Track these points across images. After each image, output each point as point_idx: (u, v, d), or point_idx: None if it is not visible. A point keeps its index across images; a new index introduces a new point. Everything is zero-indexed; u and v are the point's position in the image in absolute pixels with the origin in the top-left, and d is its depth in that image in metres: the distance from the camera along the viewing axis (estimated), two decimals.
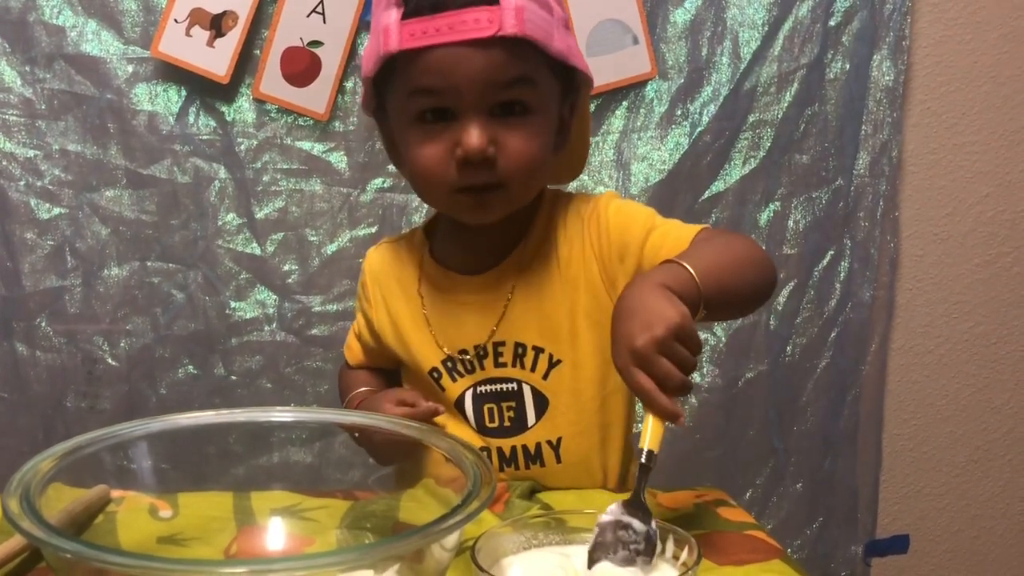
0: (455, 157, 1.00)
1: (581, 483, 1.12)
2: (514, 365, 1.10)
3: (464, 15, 0.96)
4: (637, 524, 0.81)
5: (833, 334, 1.81)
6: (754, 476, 1.83)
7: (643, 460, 0.83)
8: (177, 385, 1.72)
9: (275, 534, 0.95)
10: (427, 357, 1.13)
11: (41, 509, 0.73)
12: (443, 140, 1.01)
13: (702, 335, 1.72)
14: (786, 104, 1.73)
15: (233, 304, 1.73)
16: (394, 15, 0.98)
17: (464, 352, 1.11)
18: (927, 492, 1.94)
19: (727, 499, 1.07)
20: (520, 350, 1.10)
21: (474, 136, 0.98)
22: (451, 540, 0.76)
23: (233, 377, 1.73)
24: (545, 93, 1.03)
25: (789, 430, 1.83)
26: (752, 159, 1.75)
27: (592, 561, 0.81)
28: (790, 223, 1.78)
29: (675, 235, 1.03)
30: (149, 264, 1.71)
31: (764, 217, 1.77)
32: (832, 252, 1.79)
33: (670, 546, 0.83)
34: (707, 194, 1.75)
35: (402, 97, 1.03)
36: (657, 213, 1.09)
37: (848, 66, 1.74)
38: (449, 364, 1.12)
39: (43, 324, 1.70)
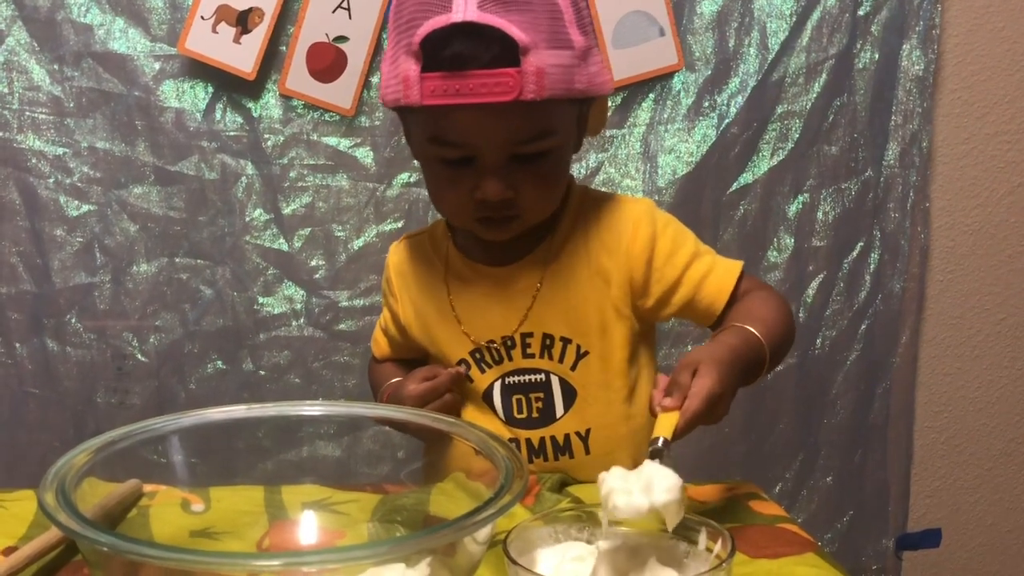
0: (474, 199, 1.02)
1: None
2: (542, 356, 1.11)
3: (485, 77, 0.94)
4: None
5: (863, 326, 1.80)
6: (783, 470, 1.82)
7: (654, 449, 0.86)
8: (206, 380, 1.73)
9: (307, 528, 0.95)
10: (454, 349, 1.13)
11: (76, 503, 0.73)
12: (462, 182, 1.02)
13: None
14: (815, 95, 1.72)
15: (261, 300, 1.73)
16: (413, 67, 0.97)
17: (492, 343, 1.12)
18: (960, 485, 1.92)
19: (759, 492, 1.07)
20: (548, 341, 1.10)
21: (493, 188, 1.01)
22: (484, 533, 0.76)
23: (261, 372, 1.74)
24: (565, 129, 1.03)
25: (819, 423, 1.82)
26: (780, 150, 1.74)
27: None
28: (819, 215, 1.76)
29: (720, 270, 1.11)
30: (177, 260, 1.72)
31: (793, 209, 1.76)
32: (862, 244, 1.78)
33: (703, 539, 0.82)
34: (735, 186, 1.74)
35: (422, 136, 1.04)
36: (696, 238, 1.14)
37: (877, 56, 1.72)
38: (477, 355, 1.13)
39: (73, 320, 1.71)
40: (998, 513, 1.94)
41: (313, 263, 1.73)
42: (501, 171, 1.00)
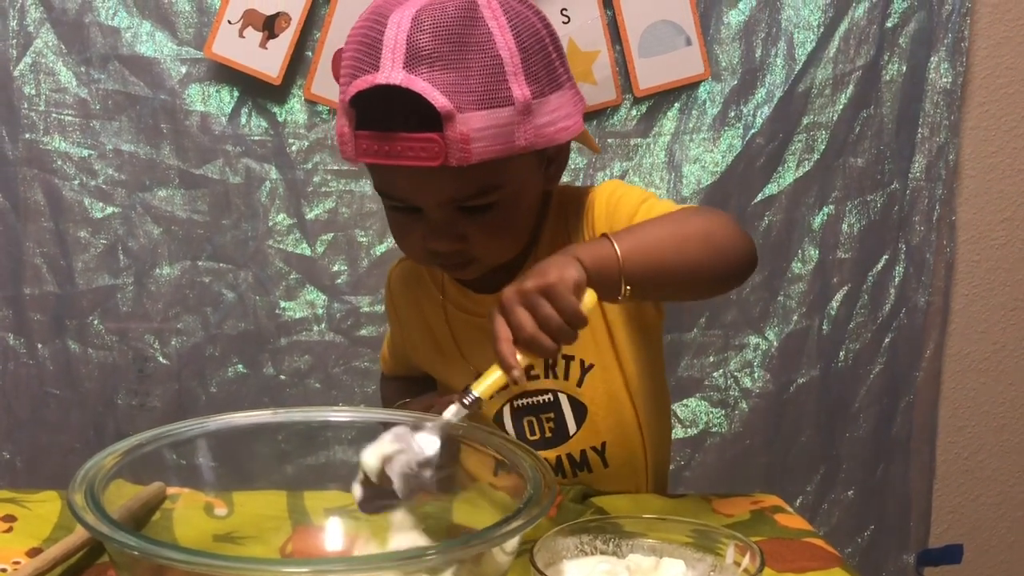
0: (426, 248, 1.00)
1: (629, 486, 1.11)
2: (546, 376, 1.09)
3: (411, 141, 0.91)
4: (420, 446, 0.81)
5: (887, 340, 1.79)
6: (805, 483, 1.80)
7: (464, 400, 0.81)
8: (226, 384, 1.73)
9: (330, 534, 0.94)
10: (458, 378, 1.12)
11: (105, 505, 0.73)
12: (414, 230, 1.00)
13: (754, 339, 1.76)
14: (841, 106, 1.71)
15: (283, 304, 1.73)
16: (347, 123, 0.94)
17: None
18: (982, 501, 1.90)
19: (784, 506, 1.06)
20: (550, 360, 1.08)
21: (439, 244, 0.99)
22: (512, 544, 0.75)
23: (282, 377, 1.74)
24: (515, 179, 0.99)
25: (841, 436, 1.81)
26: (806, 162, 1.73)
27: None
28: (844, 227, 1.75)
29: (657, 211, 1.00)
30: (200, 263, 1.72)
31: (818, 221, 1.75)
32: (887, 257, 1.77)
33: (731, 552, 0.81)
34: (760, 197, 1.73)
35: (373, 184, 1.03)
36: (654, 195, 1.06)
37: (905, 68, 1.71)
38: None
39: (95, 322, 1.72)
40: (1021, 531, 1.92)
41: (335, 268, 1.73)
42: (448, 224, 0.98)
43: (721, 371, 1.77)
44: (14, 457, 1.73)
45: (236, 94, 1.69)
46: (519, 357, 0.81)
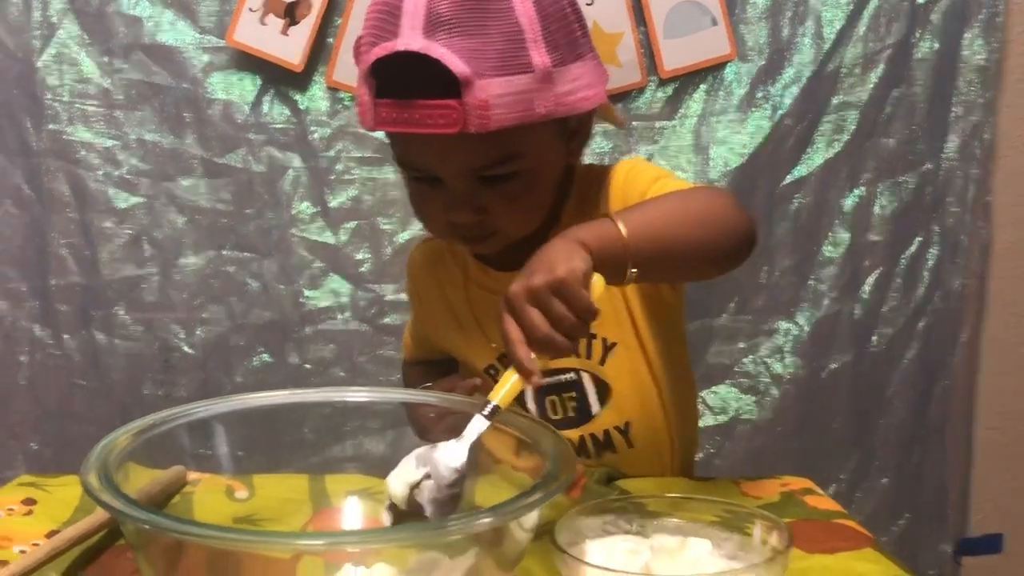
0: (447, 219, 1.00)
1: (654, 467, 1.10)
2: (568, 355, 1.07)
3: (430, 108, 0.91)
4: (446, 467, 0.77)
5: (921, 324, 1.75)
6: (837, 470, 1.77)
7: (483, 412, 0.78)
8: (252, 373, 1.73)
9: (350, 515, 0.94)
10: (480, 357, 1.12)
11: (120, 485, 0.72)
12: (435, 201, 1.00)
13: (784, 324, 1.73)
14: (872, 85, 1.68)
15: (307, 293, 1.73)
16: (367, 91, 0.94)
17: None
18: (1023, 490, 1.86)
19: (814, 487, 1.04)
20: None
21: (458, 214, 0.98)
22: (530, 520, 0.74)
23: (307, 366, 1.74)
24: (536, 149, 0.98)
25: (875, 423, 1.78)
26: (836, 143, 1.70)
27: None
28: (876, 209, 1.72)
29: (668, 190, 0.98)
30: (224, 253, 1.72)
31: (848, 203, 1.72)
32: (920, 239, 1.74)
33: (758, 531, 0.79)
34: (789, 179, 1.71)
35: (393, 156, 1.02)
36: (671, 175, 1.04)
37: (937, 45, 1.68)
38: (504, 361, 1.10)
39: (121, 313, 1.72)
40: None
41: (359, 256, 1.73)
42: (468, 195, 0.97)
43: (751, 357, 1.75)
44: (42, 448, 1.74)
45: (258, 82, 1.69)
46: (535, 359, 0.77)
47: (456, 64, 0.89)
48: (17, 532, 0.91)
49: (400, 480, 0.77)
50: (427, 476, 0.76)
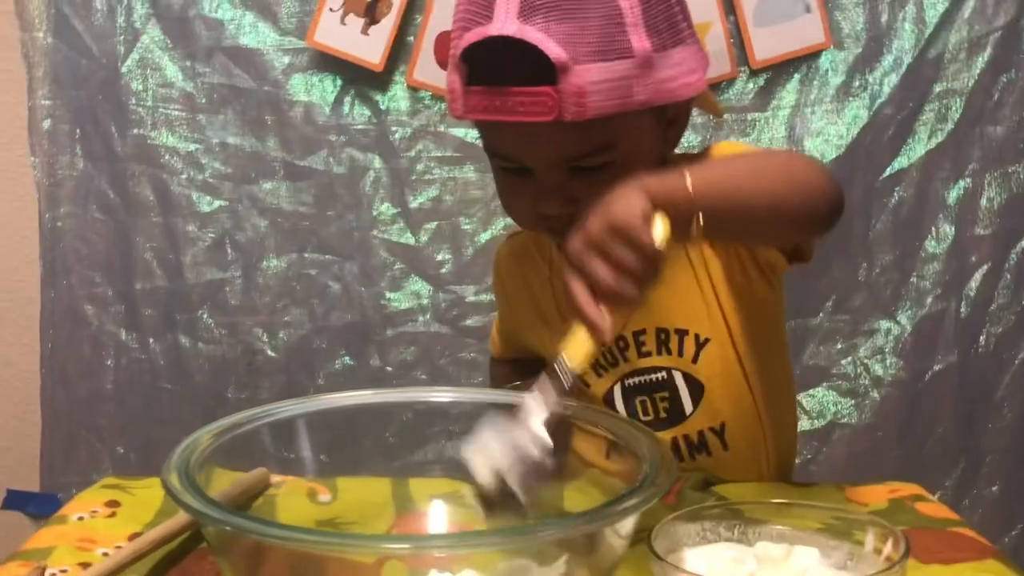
0: (536, 211, 0.96)
1: (751, 471, 1.05)
2: (659, 353, 1.04)
3: (523, 96, 0.88)
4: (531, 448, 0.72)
5: None
6: (943, 477, 1.70)
7: (562, 380, 0.73)
8: (334, 376, 1.73)
9: (435, 520, 0.91)
10: None
11: (202, 486, 0.71)
12: (524, 192, 0.96)
13: (885, 324, 1.66)
14: (978, 71, 1.62)
15: (388, 295, 1.72)
16: (458, 79, 0.92)
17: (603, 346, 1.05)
18: None
19: (925, 494, 1.00)
20: (663, 336, 1.03)
21: (549, 205, 0.94)
22: (626, 526, 0.70)
23: (388, 368, 1.73)
24: (632, 139, 0.94)
25: (983, 427, 1.70)
26: (939, 132, 1.64)
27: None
28: (983, 201, 1.66)
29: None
30: (306, 255, 1.72)
31: (953, 195, 1.66)
32: None
33: (871, 539, 0.74)
34: (889, 171, 1.65)
35: (483, 145, 1.00)
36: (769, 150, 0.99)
37: None
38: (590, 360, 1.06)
39: (205, 316, 1.73)
40: None
41: (440, 257, 1.72)
42: (559, 185, 0.94)
43: (850, 359, 1.69)
44: (128, 452, 1.75)
45: (339, 83, 1.68)
46: (606, 312, 0.73)
47: (552, 49, 0.86)
48: (100, 534, 0.90)
49: (485, 467, 0.72)
50: (514, 462, 0.71)
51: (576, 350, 0.74)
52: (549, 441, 0.72)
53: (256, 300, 1.72)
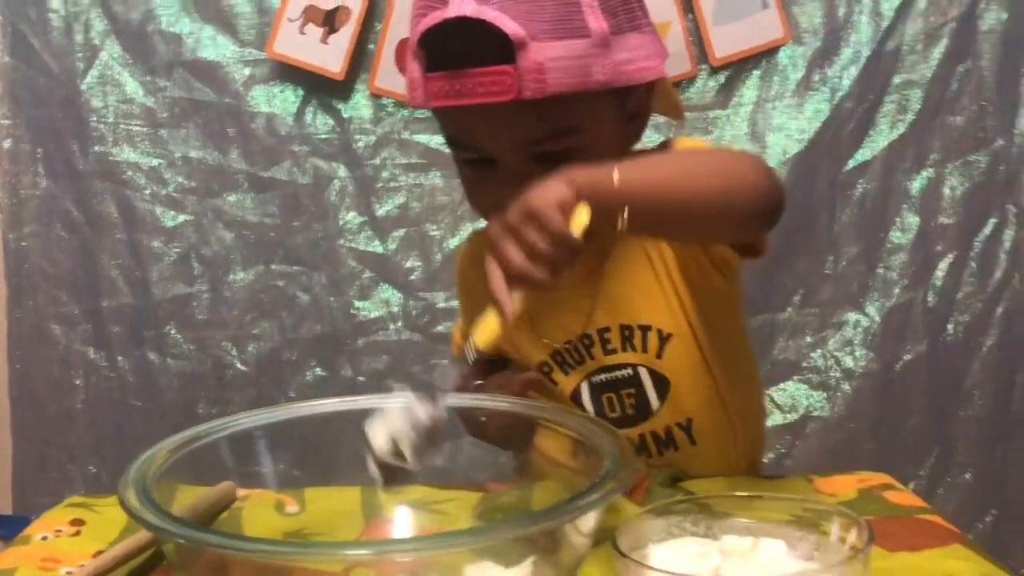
0: (501, 204, 0.94)
1: (719, 466, 1.05)
2: (624, 349, 1.04)
3: (482, 76, 0.88)
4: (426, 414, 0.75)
5: (999, 309, 1.68)
6: (916, 467, 1.71)
7: (467, 350, 0.75)
8: (306, 388, 1.72)
9: (404, 527, 0.91)
10: (532, 353, 1.08)
11: (158, 500, 0.70)
12: (489, 185, 0.96)
13: (853, 316, 1.67)
14: (935, 62, 1.63)
15: (358, 304, 1.71)
16: (417, 68, 0.92)
17: (568, 344, 1.06)
18: None
19: (893, 483, 0.99)
20: (627, 332, 1.03)
21: (514, 193, 0.91)
22: (588, 523, 0.69)
23: (361, 378, 1.72)
24: (593, 124, 0.94)
25: (954, 416, 1.71)
26: (900, 123, 1.65)
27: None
28: (946, 190, 1.66)
29: None
30: (273, 267, 1.71)
31: (916, 186, 1.67)
32: (994, 220, 1.67)
33: (836, 529, 0.74)
34: (852, 164, 1.66)
35: (445, 138, 1.00)
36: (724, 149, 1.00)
37: (1005, 15, 1.61)
38: (558, 358, 1.07)
39: (173, 332, 1.72)
40: None
41: (409, 264, 1.71)
42: (523, 174, 0.92)
43: (820, 351, 1.69)
44: (100, 471, 1.74)
45: (300, 93, 1.68)
46: (516, 295, 0.75)
47: (509, 25, 0.86)
48: (65, 553, 0.89)
49: (381, 433, 0.75)
50: (408, 426, 0.74)
51: (484, 329, 0.76)
52: (444, 412, 0.75)
53: (224, 314, 1.71)
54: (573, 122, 0.92)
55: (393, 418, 0.75)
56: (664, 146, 1.05)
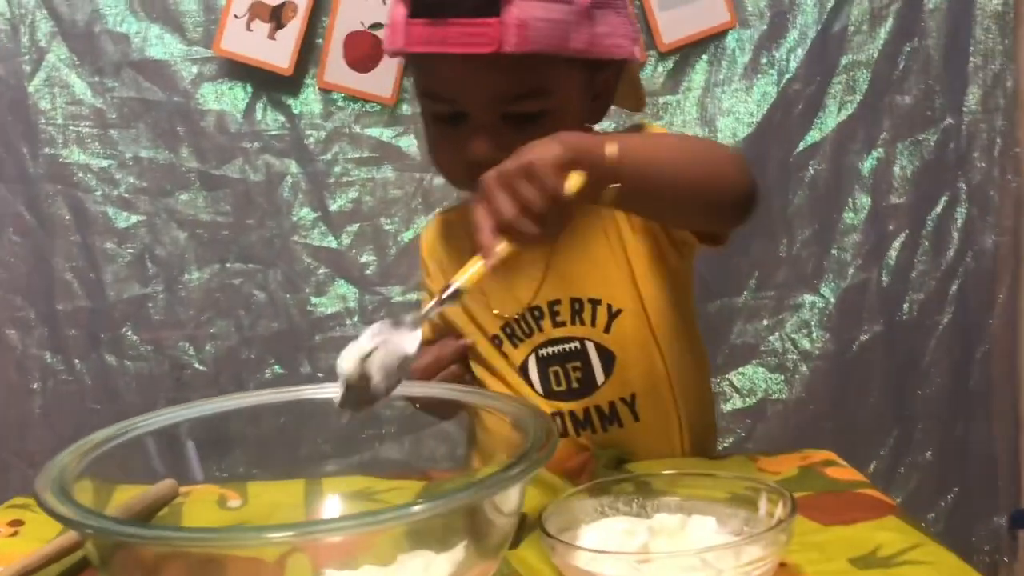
0: (465, 159, 0.96)
1: (662, 445, 1.05)
2: (573, 323, 1.04)
3: (465, 26, 0.90)
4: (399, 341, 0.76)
5: (954, 287, 1.69)
6: (877, 447, 1.71)
7: (442, 295, 0.75)
8: (265, 386, 1.70)
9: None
10: (485, 325, 1.09)
11: (76, 495, 0.68)
12: (456, 141, 0.97)
13: (809, 298, 1.67)
14: (882, 41, 1.63)
15: (314, 300, 1.71)
16: (402, 11, 0.93)
17: (519, 316, 1.06)
18: None
19: (836, 459, 0.99)
20: (577, 305, 1.04)
21: (480, 147, 0.95)
22: (508, 503, 0.69)
23: (320, 374, 1.71)
24: (564, 91, 0.96)
25: (912, 395, 1.71)
26: (848, 104, 1.65)
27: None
28: (896, 170, 1.67)
29: None
30: (228, 265, 1.70)
31: (867, 166, 1.67)
32: (946, 198, 1.68)
33: (764, 504, 0.75)
34: (802, 145, 1.66)
35: (417, 90, 1.01)
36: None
37: None
38: (508, 330, 1.08)
39: (129, 333, 1.71)
40: None
41: (364, 259, 1.70)
42: (491, 130, 0.95)
43: (777, 334, 1.69)
44: None
45: (249, 90, 1.67)
46: (503, 245, 0.75)
47: None
48: (2, 554, 0.88)
49: (351, 355, 0.76)
50: (379, 349, 0.75)
51: (466, 270, 0.76)
52: (416, 341, 0.76)
53: (180, 314, 1.70)
54: (545, 85, 0.94)
55: (363, 342, 0.76)
56: (637, 128, 1.07)
